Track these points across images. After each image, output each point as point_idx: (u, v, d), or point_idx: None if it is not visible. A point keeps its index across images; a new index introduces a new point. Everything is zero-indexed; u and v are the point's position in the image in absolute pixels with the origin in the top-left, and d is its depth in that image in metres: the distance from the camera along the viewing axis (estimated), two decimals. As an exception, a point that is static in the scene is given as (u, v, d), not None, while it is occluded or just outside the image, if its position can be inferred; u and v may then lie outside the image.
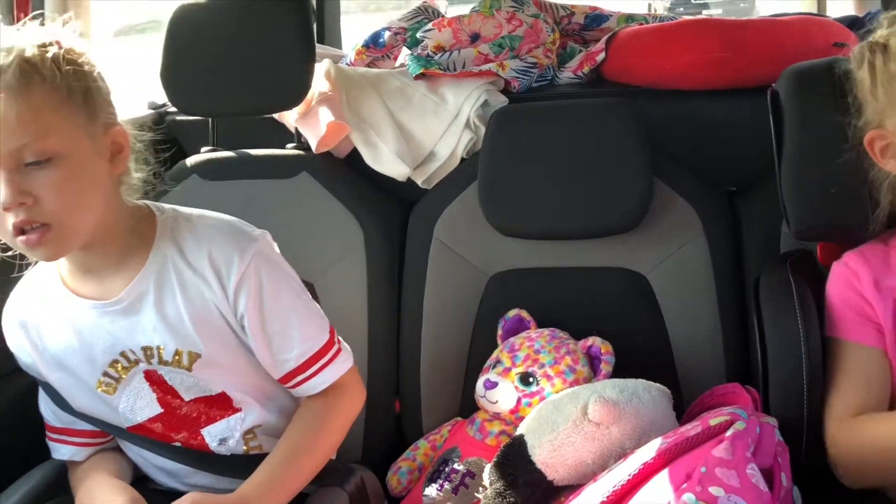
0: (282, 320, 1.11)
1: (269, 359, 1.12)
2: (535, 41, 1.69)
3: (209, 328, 1.09)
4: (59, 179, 0.97)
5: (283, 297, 1.12)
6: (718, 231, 1.40)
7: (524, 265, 1.46)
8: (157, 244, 1.09)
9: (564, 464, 1.08)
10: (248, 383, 1.14)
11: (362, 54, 1.80)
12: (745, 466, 0.87)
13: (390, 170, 1.56)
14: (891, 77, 1.04)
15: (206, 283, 1.08)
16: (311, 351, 1.12)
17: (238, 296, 1.08)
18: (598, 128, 1.42)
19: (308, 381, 1.13)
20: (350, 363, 1.17)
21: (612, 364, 1.29)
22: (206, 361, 1.10)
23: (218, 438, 1.15)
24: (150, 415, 1.13)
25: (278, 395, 1.17)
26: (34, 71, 0.97)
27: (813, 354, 1.06)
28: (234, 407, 1.14)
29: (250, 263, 1.08)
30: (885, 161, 1.07)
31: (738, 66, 1.49)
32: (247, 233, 1.12)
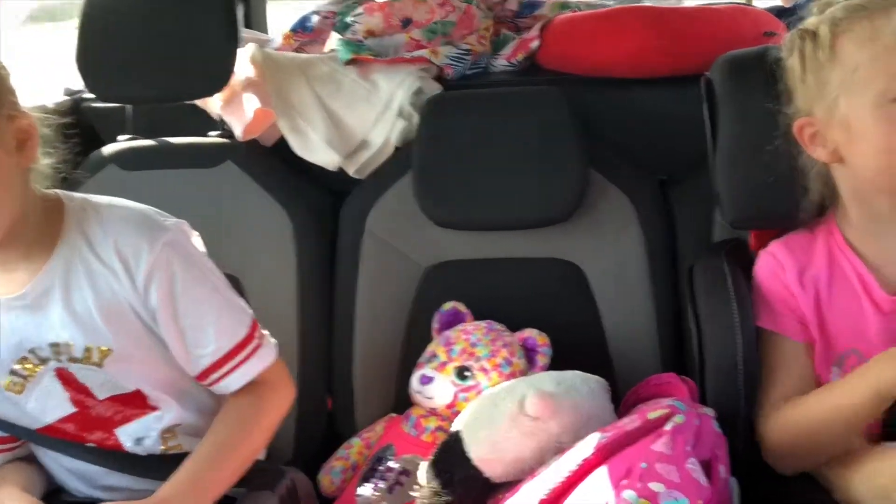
0: (196, 314, 1.05)
1: (184, 354, 1.07)
2: (469, 27, 1.66)
3: (119, 322, 1.03)
4: None
5: (197, 289, 1.06)
6: (653, 220, 1.40)
7: (460, 257, 1.44)
8: (65, 235, 1.03)
9: (502, 460, 1.06)
10: (163, 380, 1.09)
11: (290, 39, 1.74)
12: (685, 461, 0.86)
13: (320, 159, 1.51)
14: (819, 65, 1.05)
15: (114, 276, 1.02)
16: (227, 346, 1.07)
17: (148, 288, 1.03)
18: (532, 117, 1.40)
19: (225, 379, 1.08)
20: (271, 359, 1.11)
21: (548, 356, 1.28)
22: (117, 357, 1.04)
23: (134, 438, 1.09)
24: (61, 415, 1.07)
25: (196, 393, 1.12)
26: None
27: (748, 344, 1.07)
28: (151, 405, 1.09)
29: (160, 254, 1.03)
30: (813, 148, 1.08)
31: (672, 55, 1.48)
32: (157, 222, 1.06)
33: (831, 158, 1.07)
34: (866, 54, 1.00)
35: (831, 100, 1.04)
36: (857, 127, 1.02)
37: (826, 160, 1.08)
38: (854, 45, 1.02)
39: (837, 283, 1.08)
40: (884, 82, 0.99)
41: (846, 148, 1.04)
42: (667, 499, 0.83)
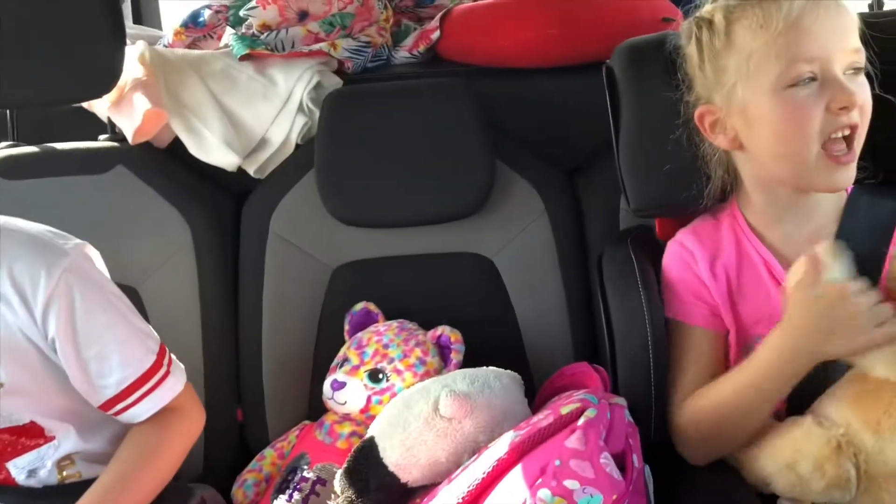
0: (98, 344, 1.00)
1: (86, 385, 1.01)
2: (368, 19, 1.62)
3: (12, 355, 0.97)
4: None
5: (99, 317, 1.00)
6: (560, 210, 1.39)
7: (369, 255, 1.40)
8: None
9: (418, 464, 1.04)
10: (61, 409, 1.03)
11: (181, 35, 1.66)
12: (599, 456, 0.85)
13: (218, 159, 1.44)
14: (716, 52, 1.05)
15: (8, 306, 0.96)
16: (133, 376, 1.02)
17: (47, 318, 0.97)
18: (435, 109, 1.38)
19: (131, 409, 1.03)
20: (180, 386, 1.06)
21: (462, 352, 1.26)
22: (10, 390, 0.98)
23: (26, 471, 1.03)
24: None
25: (98, 419, 1.06)
26: None
27: (657, 331, 1.07)
28: (47, 435, 1.02)
29: (59, 281, 0.96)
30: (714, 136, 1.09)
31: (572, 43, 1.48)
32: (56, 246, 1.00)
33: (732, 146, 1.08)
34: (760, 41, 1.01)
35: (729, 87, 1.04)
36: (755, 113, 1.03)
37: (727, 147, 1.09)
38: (748, 32, 1.02)
39: (746, 270, 1.10)
40: (778, 68, 1.00)
41: (746, 135, 1.05)
42: (581, 496, 0.82)
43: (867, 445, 0.95)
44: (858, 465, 0.94)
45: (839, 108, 0.99)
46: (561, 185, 1.42)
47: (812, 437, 0.96)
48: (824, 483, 0.94)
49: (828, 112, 0.99)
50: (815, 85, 0.99)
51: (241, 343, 1.38)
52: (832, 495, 0.95)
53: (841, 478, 0.93)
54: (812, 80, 0.99)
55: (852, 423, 0.96)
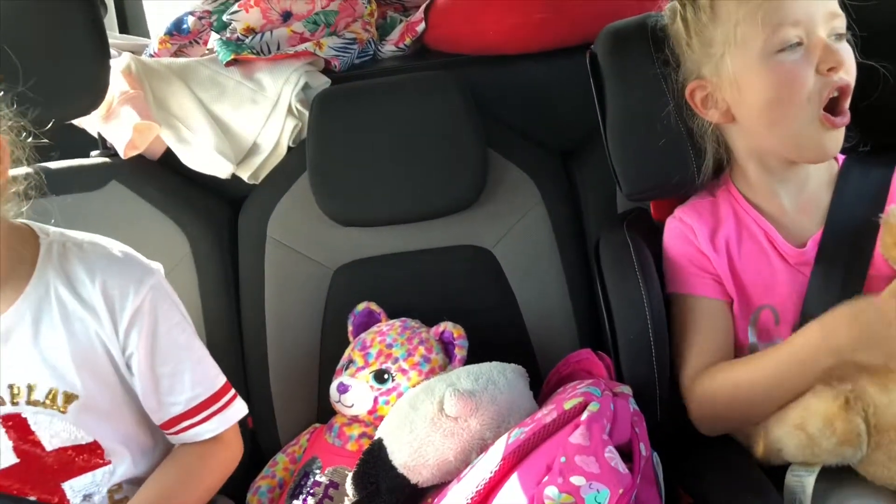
0: (174, 361, 1.03)
1: (154, 402, 1.03)
2: (352, 14, 1.60)
3: (91, 367, 0.99)
4: None
5: (178, 335, 1.04)
6: (556, 197, 1.39)
7: (368, 254, 1.40)
8: (40, 271, 0.98)
9: (427, 465, 1.04)
10: (125, 433, 1.05)
11: (166, 43, 1.65)
12: (604, 450, 0.85)
13: (210, 168, 1.44)
14: (702, 26, 1.06)
15: (95, 317, 0.98)
16: (203, 396, 1.05)
17: (130, 332, 1.00)
18: (424, 103, 1.37)
19: (196, 427, 1.05)
20: (244, 412, 1.09)
21: (465, 348, 1.25)
22: (83, 404, 1.00)
23: (82, 494, 1.04)
24: (2, 466, 1.00)
25: (153, 450, 1.08)
26: None
27: (656, 314, 1.07)
28: (104, 459, 1.04)
29: (146, 297, 1.00)
30: (705, 111, 1.09)
31: (560, 27, 1.46)
32: (144, 264, 1.03)
33: (724, 119, 1.08)
34: (744, 9, 1.02)
35: (718, 59, 1.05)
36: (745, 82, 1.03)
37: (719, 121, 1.09)
38: (732, 2, 1.04)
39: (746, 242, 1.10)
40: (764, 35, 1.01)
41: (737, 106, 1.06)
42: (588, 491, 0.82)
43: (875, 399, 0.94)
44: (868, 420, 0.93)
45: (828, 69, 1.00)
46: (556, 171, 1.41)
47: (820, 395, 0.96)
48: (835, 440, 0.93)
49: (818, 74, 1.00)
50: (801, 49, 1.00)
51: (246, 351, 1.38)
52: (843, 453, 0.94)
53: (851, 433, 0.93)
54: (798, 46, 1.00)
55: (859, 379, 0.95)
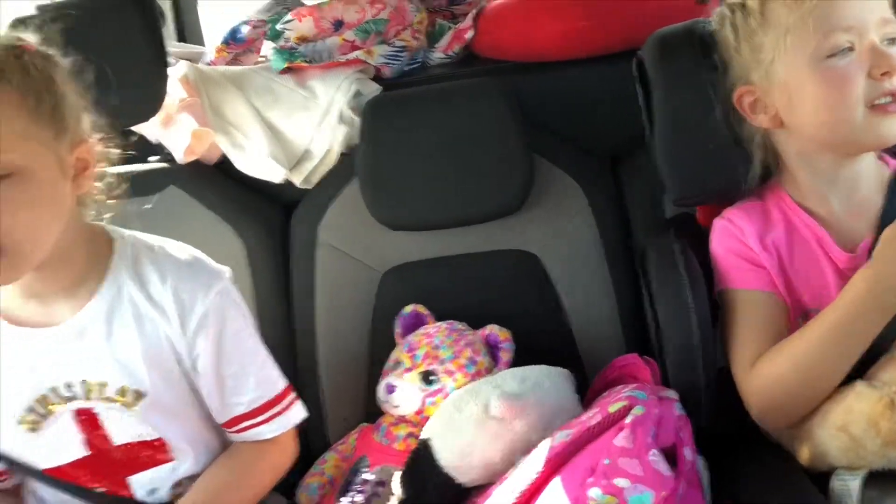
0: (239, 363, 1.06)
1: (218, 401, 1.07)
2: (402, 23, 1.63)
3: (159, 366, 1.03)
4: (18, 197, 0.89)
5: (243, 338, 1.07)
6: (603, 202, 1.39)
7: (416, 258, 1.42)
8: (114, 272, 1.02)
9: (472, 465, 1.06)
10: (190, 431, 1.08)
11: (223, 52, 1.70)
12: (647, 453, 0.86)
13: (264, 173, 1.48)
14: (752, 31, 1.06)
15: (165, 319, 1.02)
16: (265, 397, 1.08)
17: (197, 335, 1.03)
18: (471, 109, 1.39)
19: (255, 428, 1.08)
20: (303, 416, 1.12)
21: (511, 351, 1.27)
22: (151, 402, 1.03)
23: (147, 489, 1.08)
24: (74, 457, 1.05)
25: (216, 448, 1.11)
26: (3, 78, 0.89)
27: (703, 319, 1.07)
28: (169, 455, 1.07)
29: (214, 302, 1.03)
30: (754, 116, 1.09)
31: (605, 33, 1.47)
32: (214, 268, 1.07)
33: (773, 123, 1.08)
34: (795, 15, 1.02)
35: (767, 64, 1.05)
36: (795, 88, 1.03)
37: (768, 126, 1.09)
38: (783, 8, 1.03)
39: (797, 246, 1.09)
40: (815, 40, 1.01)
41: (787, 111, 1.06)
42: (632, 493, 0.83)
43: None
44: None
45: (881, 74, 0.99)
46: (603, 177, 1.42)
47: (863, 396, 0.95)
48: (879, 441, 0.92)
49: (870, 78, 1.00)
50: (852, 55, 1.00)
51: (297, 351, 1.42)
52: (890, 455, 0.93)
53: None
54: (850, 51, 1.00)
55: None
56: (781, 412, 1.04)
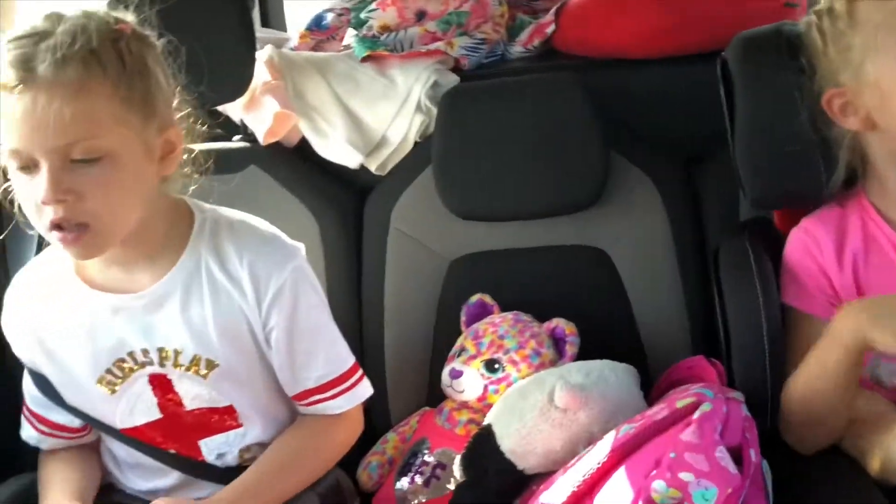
0: (310, 340, 1.09)
1: (289, 375, 1.10)
2: (483, 16, 1.65)
3: (233, 338, 1.06)
4: (106, 180, 0.94)
5: (315, 315, 1.10)
6: (678, 202, 1.39)
7: (484, 248, 1.44)
8: (193, 244, 1.06)
9: (534, 452, 1.07)
10: (258, 401, 1.12)
11: (306, 38, 1.74)
12: (714, 449, 0.86)
13: (342, 158, 1.52)
14: (840, 33, 1.05)
15: (241, 293, 1.05)
16: (334, 374, 1.11)
17: (271, 310, 1.06)
18: (549, 103, 1.39)
19: (323, 403, 1.11)
20: (369, 393, 1.15)
21: (577, 345, 1.28)
22: (222, 372, 1.07)
23: (216, 452, 1.12)
24: (148, 419, 1.10)
25: (283, 421, 1.15)
26: (98, 66, 0.93)
27: (773, 323, 1.06)
28: (238, 422, 1.11)
29: (289, 278, 1.06)
30: (844, 119, 1.07)
31: (688, 32, 1.46)
32: (289, 245, 1.10)
33: (864, 126, 1.06)
34: (884, 13, 1.00)
35: (857, 65, 1.03)
36: (888, 86, 1.01)
37: (859, 128, 1.06)
38: (872, 7, 1.02)
39: (874, 255, 1.07)
40: None
41: (879, 111, 1.03)
42: (696, 488, 0.83)
43: None
44: None
45: None
46: (678, 176, 1.41)
47: None
48: None
49: None
50: None
51: (364, 331, 1.45)
52: None
53: None
54: None
55: None
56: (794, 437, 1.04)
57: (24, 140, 0.92)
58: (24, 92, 0.91)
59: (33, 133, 0.91)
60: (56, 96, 0.90)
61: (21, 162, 0.94)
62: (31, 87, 0.91)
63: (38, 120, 0.90)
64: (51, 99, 0.90)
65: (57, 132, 0.91)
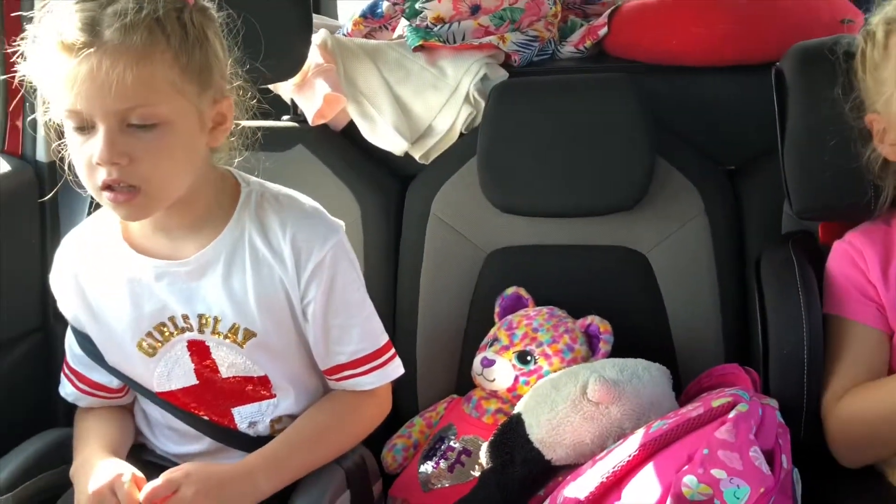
0: (345, 315, 1.11)
1: (323, 349, 1.12)
2: (537, 14, 1.66)
3: (271, 309, 1.08)
4: (159, 146, 0.97)
5: (351, 291, 1.11)
6: (720, 210, 1.38)
7: (523, 242, 1.45)
8: (238, 215, 1.08)
9: (562, 443, 1.08)
10: (292, 372, 1.14)
11: (360, 24, 1.76)
12: (748, 449, 0.86)
13: (388, 144, 1.53)
14: (875, 64, 1.06)
15: (282, 265, 1.07)
16: (367, 350, 1.12)
17: (310, 283, 1.08)
18: (599, 103, 1.40)
19: (354, 378, 1.13)
20: (400, 372, 1.16)
21: (610, 343, 1.28)
22: (259, 342, 1.09)
23: (248, 421, 1.14)
24: (184, 384, 1.12)
25: (315, 393, 1.17)
26: (162, 34, 0.95)
27: (814, 332, 1.06)
28: (271, 392, 1.13)
29: (328, 253, 1.08)
30: (881, 144, 1.07)
31: (743, 41, 1.46)
32: (331, 221, 1.12)
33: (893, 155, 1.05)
34: None
35: (888, 97, 1.03)
36: None
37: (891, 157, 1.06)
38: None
39: None
40: None
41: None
42: (728, 486, 0.83)
43: None
44: None
45: None
46: (722, 185, 1.41)
47: None
48: None
49: None
50: None
51: (397, 317, 1.46)
52: None
53: None
54: None
55: None
56: (858, 451, 1.03)
57: (85, 101, 0.94)
58: (89, 55, 0.93)
59: (95, 95, 0.93)
60: (120, 61, 0.93)
61: (78, 122, 0.96)
62: (97, 50, 0.93)
63: (100, 83, 0.92)
64: (115, 63, 0.92)
65: (118, 96, 0.93)
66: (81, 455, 1.11)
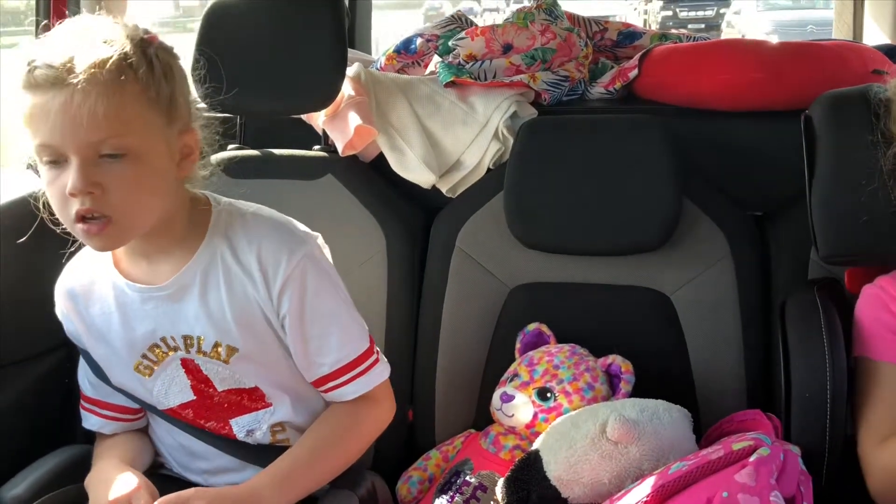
0: (322, 325, 1.11)
1: (305, 361, 1.13)
2: (568, 55, 1.68)
3: (249, 325, 1.10)
4: (130, 176, 0.99)
5: (326, 301, 1.12)
6: (746, 255, 1.38)
7: (546, 279, 1.45)
8: (209, 236, 1.10)
9: (580, 481, 1.07)
10: (282, 381, 1.15)
11: (393, 59, 1.80)
12: (769, 493, 0.85)
13: (416, 177, 1.55)
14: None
15: (251, 281, 1.09)
16: (347, 358, 1.13)
17: (282, 297, 1.09)
18: (628, 144, 1.41)
19: (340, 388, 1.13)
20: (385, 376, 1.17)
21: (631, 383, 1.27)
22: (243, 356, 1.10)
23: (245, 430, 1.15)
24: (182, 400, 1.14)
25: (310, 397, 1.17)
26: (131, 69, 0.98)
27: (838, 377, 1.05)
28: (266, 401, 1.15)
29: (297, 266, 1.09)
30: None
31: (772, 89, 1.47)
32: (298, 234, 1.13)
33: None
34: None
35: None
36: None
37: None
38: None
39: None
40: None
41: None
42: (748, 530, 0.82)
43: None
44: None
45: None
46: (749, 230, 1.41)
47: None
48: None
49: None
50: None
51: (418, 348, 1.46)
52: None
53: None
54: None
55: None
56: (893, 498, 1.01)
57: (57, 135, 0.97)
58: (61, 89, 0.96)
59: (67, 129, 0.96)
60: (91, 94, 0.96)
61: (51, 156, 0.99)
62: (69, 85, 0.96)
63: (72, 116, 0.95)
64: (86, 96, 0.95)
65: (90, 128, 0.96)
66: (98, 466, 1.13)
